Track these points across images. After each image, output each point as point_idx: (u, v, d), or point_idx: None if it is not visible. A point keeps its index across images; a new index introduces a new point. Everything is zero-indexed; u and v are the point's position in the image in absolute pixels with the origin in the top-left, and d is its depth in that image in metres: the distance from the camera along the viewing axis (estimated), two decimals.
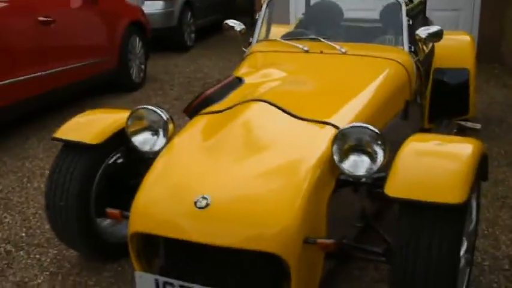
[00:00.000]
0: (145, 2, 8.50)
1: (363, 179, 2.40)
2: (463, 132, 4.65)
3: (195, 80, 7.21)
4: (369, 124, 2.42)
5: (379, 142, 2.32)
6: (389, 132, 3.08)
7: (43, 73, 5.15)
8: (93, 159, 2.82)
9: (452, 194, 2.11)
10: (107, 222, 2.99)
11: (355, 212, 2.75)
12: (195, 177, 2.31)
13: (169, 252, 2.39)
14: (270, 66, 3.58)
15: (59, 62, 5.39)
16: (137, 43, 6.89)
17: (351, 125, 2.38)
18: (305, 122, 2.59)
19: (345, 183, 2.43)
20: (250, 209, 2.16)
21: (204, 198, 2.17)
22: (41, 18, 5.09)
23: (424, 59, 3.97)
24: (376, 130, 2.33)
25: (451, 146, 2.42)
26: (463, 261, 2.39)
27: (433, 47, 4.61)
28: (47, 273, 3.04)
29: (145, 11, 7.95)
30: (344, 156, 2.35)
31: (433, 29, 3.59)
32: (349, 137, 2.35)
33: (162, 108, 2.74)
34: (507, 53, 7.37)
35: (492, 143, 4.77)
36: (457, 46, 4.82)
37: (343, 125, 2.50)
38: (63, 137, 2.85)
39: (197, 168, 2.36)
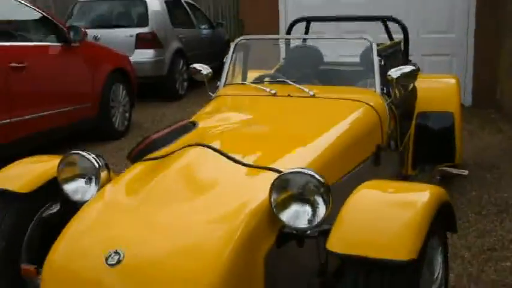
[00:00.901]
0: (135, 51, 8.48)
1: (308, 232, 2.13)
2: (449, 179, 4.38)
3: None
4: (325, 170, 2.17)
5: (322, 191, 2.06)
6: (357, 179, 2.82)
7: (14, 119, 4.98)
8: (23, 209, 2.57)
9: (400, 249, 1.84)
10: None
11: (312, 267, 2.47)
12: (114, 230, 2.06)
13: None
14: (231, 110, 3.39)
15: (32, 109, 5.23)
16: (121, 91, 6.76)
17: (290, 170, 2.12)
18: (247, 168, 2.35)
19: (289, 236, 2.16)
20: (169, 266, 1.90)
21: (116, 253, 1.91)
22: (12, 65, 4.95)
23: (400, 102, 3.74)
24: (318, 177, 2.07)
25: (405, 195, 2.16)
26: None
27: (414, 89, 4.40)
28: None
29: (135, 60, 7.94)
30: (284, 206, 2.09)
31: (406, 69, 3.36)
32: (289, 184, 2.09)
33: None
34: (503, 98, 7.15)
35: (482, 190, 4.49)
36: (441, 89, 4.61)
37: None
38: None
39: (119, 220, 2.11)
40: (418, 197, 2.07)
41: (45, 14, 5.80)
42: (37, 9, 5.77)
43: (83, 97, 6.04)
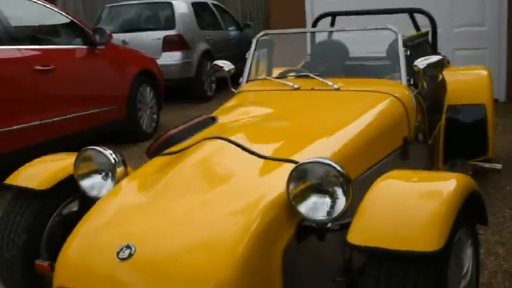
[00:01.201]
0: (163, 53, 8.50)
1: (328, 225, 2.03)
2: (482, 173, 4.22)
3: None
4: (347, 163, 2.08)
5: (341, 181, 1.96)
6: (383, 173, 2.72)
7: (41, 122, 5.01)
8: (42, 206, 2.56)
9: (425, 240, 1.74)
10: None
11: (336, 264, 2.38)
12: (127, 224, 2.01)
13: None
14: (253, 104, 3.32)
15: (59, 111, 5.25)
16: (148, 93, 6.76)
17: (308, 160, 2.03)
18: (265, 160, 2.27)
19: (308, 229, 2.07)
20: (181, 260, 1.83)
21: (128, 247, 1.86)
22: (37, 67, 4.98)
23: (428, 93, 3.61)
24: (337, 167, 1.98)
25: (429, 184, 2.05)
26: None
27: (443, 81, 4.26)
28: None
29: (163, 62, 7.95)
30: (302, 197, 2.00)
31: (433, 58, 3.24)
32: (307, 174, 2.01)
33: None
34: None
35: None
36: (472, 81, 4.44)
37: None
38: (11, 183, 2.61)
39: (133, 214, 2.06)
40: (444, 186, 1.96)
41: (70, 17, 5.83)
42: (62, 13, 5.81)
43: (109, 99, 6.05)
